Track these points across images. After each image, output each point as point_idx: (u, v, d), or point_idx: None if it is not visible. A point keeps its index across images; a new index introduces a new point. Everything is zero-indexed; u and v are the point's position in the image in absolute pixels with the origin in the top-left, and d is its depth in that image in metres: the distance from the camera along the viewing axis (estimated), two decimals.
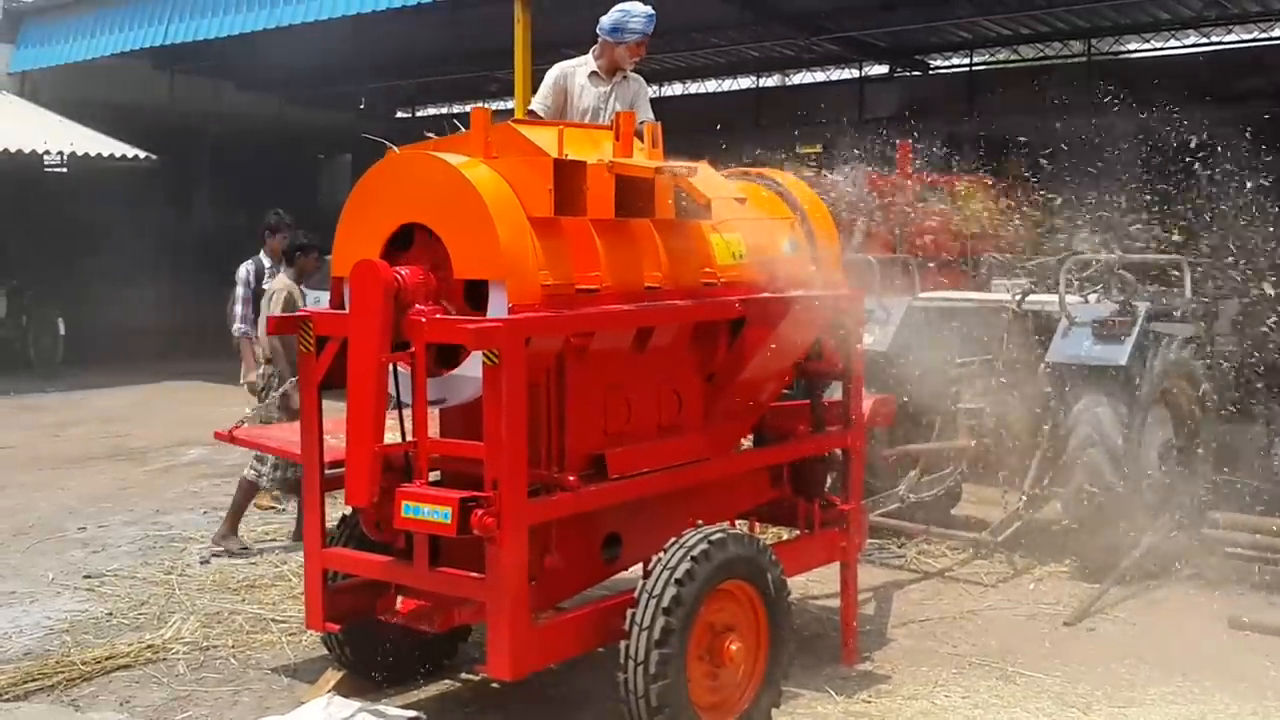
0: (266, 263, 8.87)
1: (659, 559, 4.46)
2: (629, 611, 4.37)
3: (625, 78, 6.34)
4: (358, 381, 4.44)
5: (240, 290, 8.81)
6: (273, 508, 8.77)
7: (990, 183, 10.87)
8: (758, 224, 5.33)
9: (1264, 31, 16.42)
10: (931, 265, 9.07)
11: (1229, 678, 5.51)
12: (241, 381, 8.51)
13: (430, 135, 5.18)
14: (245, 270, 8.89)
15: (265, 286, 8.71)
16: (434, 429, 4.73)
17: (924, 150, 11.45)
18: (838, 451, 5.71)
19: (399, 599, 4.84)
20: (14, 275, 17.07)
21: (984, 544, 7.26)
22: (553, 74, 6.40)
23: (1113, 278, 7.54)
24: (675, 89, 21.69)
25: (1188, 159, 8.71)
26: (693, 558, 4.44)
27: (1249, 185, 8.39)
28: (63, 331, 16.76)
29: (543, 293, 4.39)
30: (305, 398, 4.85)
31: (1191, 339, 7.59)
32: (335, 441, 4.79)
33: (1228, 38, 16.60)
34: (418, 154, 4.74)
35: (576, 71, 6.33)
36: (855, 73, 20.06)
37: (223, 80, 20.50)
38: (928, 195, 10.10)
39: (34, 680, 5.47)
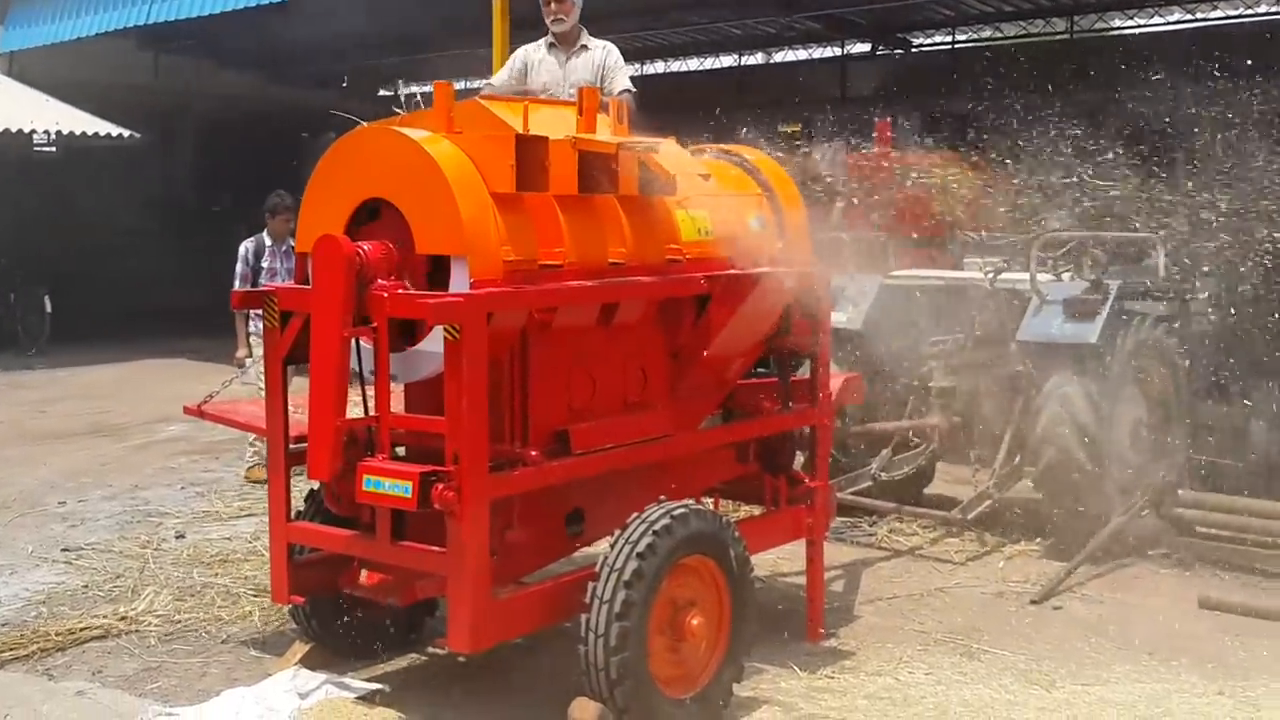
0: (268, 241, 9.02)
1: (621, 533, 4.48)
2: (590, 585, 4.39)
3: (585, 47, 6.31)
4: (320, 357, 4.45)
5: (239, 267, 8.98)
6: (263, 480, 8.80)
7: (968, 161, 10.87)
8: (724, 200, 5.33)
9: (1249, 8, 16.42)
10: (907, 243, 9.07)
11: (1196, 657, 5.53)
12: (235, 361, 8.57)
13: (398, 111, 5.17)
14: (245, 248, 9.04)
15: (265, 264, 8.87)
16: (399, 404, 4.76)
17: (904, 128, 11.44)
18: (805, 429, 5.72)
19: (363, 573, 4.86)
20: (2, 254, 17.10)
21: (954, 522, 7.29)
22: (517, 55, 6.42)
23: (1084, 256, 7.55)
24: (658, 66, 21.64)
25: (1169, 136, 8.72)
26: (655, 532, 4.45)
27: (1231, 163, 8.39)
28: (49, 309, 16.79)
29: (505, 268, 4.39)
30: (270, 373, 4.87)
31: (1164, 317, 7.61)
32: (301, 416, 4.80)
33: (1213, 14, 16.59)
34: (380, 129, 4.73)
35: (537, 50, 6.34)
36: (838, 51, 20.02)
37: (206, 59, 20.46)
38: (906, 173, 10.09)
39: (9, 650, 5.54)
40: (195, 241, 18.37)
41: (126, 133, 16.76)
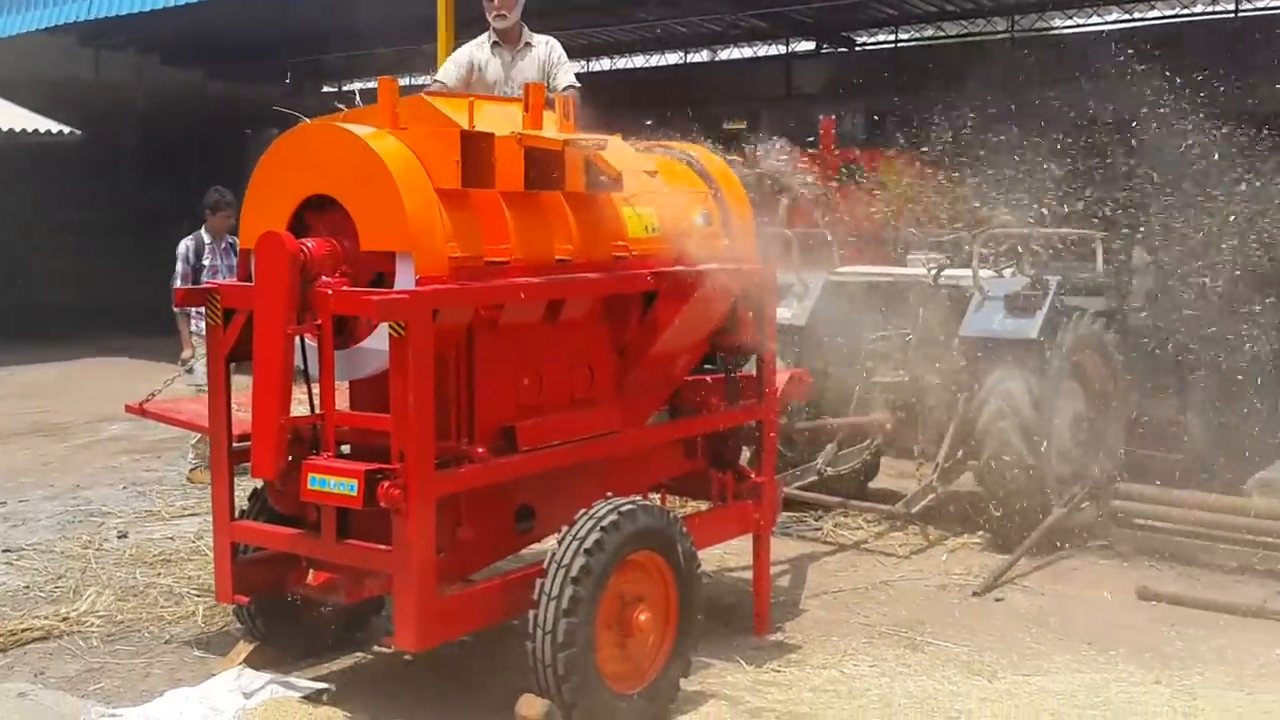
0: (207, 239, 8.91)
1: (568, 530, 4.49)
2: (538, 581, 4.39)
3: (527, 44, 6.30)
4: (264, 354, 4.42)
5: (180, 266, 8.85)
6: (205, 482, 8.70)
7: (912, 158, 10.98)
8: (670, 197, 5.35)
9: (1185, 7, 16.73)
10: (851, 240, 9.15)
11: (1135, 647, 5.63)
12: (180, 361, 8.46)
13: (342, 108, 5.14)
14: (185, 246, 8.91)
15: (205, 262, 8.76)
16: (344, 402, 4.73)
17: (848, 126, 11.56)
18: (751, 424, 5.76)
19: (309, 571, 4.83)
20: None
21: (898, 516, 7.37)
22: (462, 53, 6.38)
23: (1025, 252, 7.67)
24: (604, 63, 21.63)
25: (1108, 134, 8.87)
26: (602, 528, 4.46)
27: (1167, 160, 8.55)
28: None
29: (450, 265, 4.38)
30: (212, 371, 4.82)
31: (1103, 312, 7.74)
32: (245, 415, 4.76)
33: (1150, 14, 16.88)
34: (324, 125, 4.71)
35: (481, 49, 6.30)
36: (782, 49, 20.14)
37: (148, 55, 20.17)
38: (850, 170, 10.19)
39: None
40: (136, 239, 18.11)
41: (67, 129, 16.52)
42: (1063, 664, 5.44)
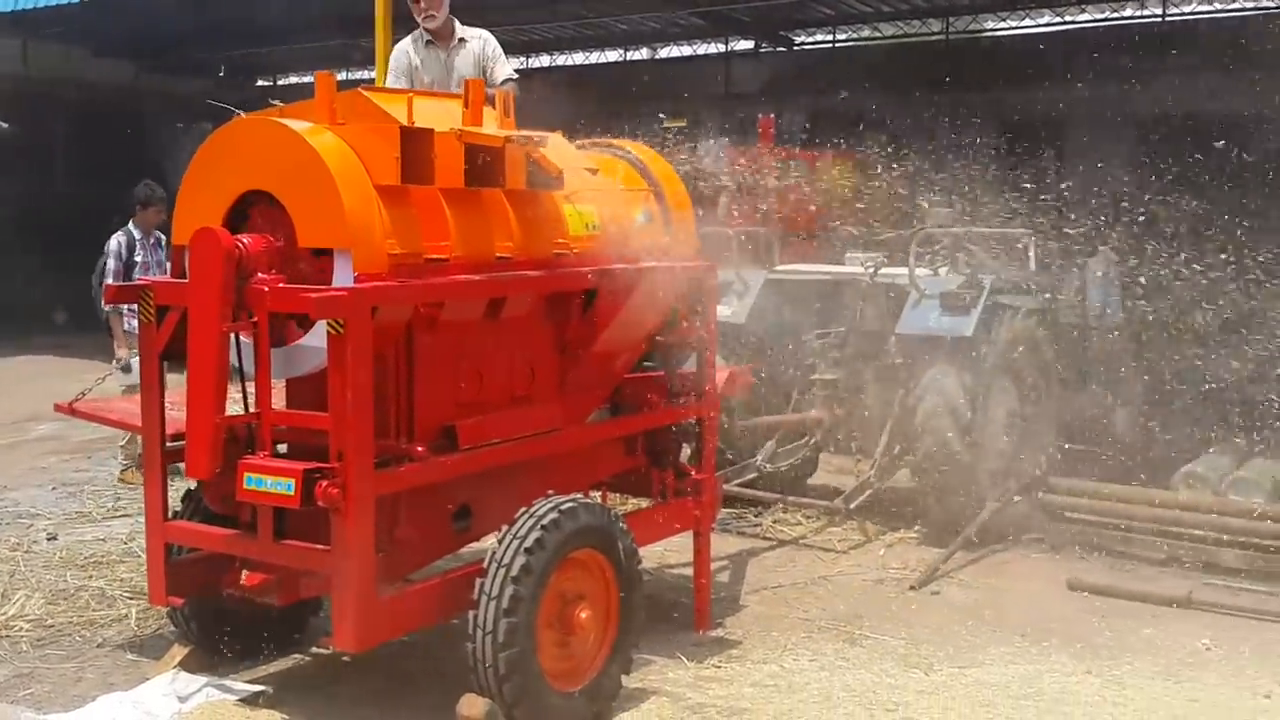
0: (137, 234, 8.73)
1: (509, 528, 4.47)
2: (478, 581, 4.37)
3: (461, 40, 6.26)
4: (198, 352, 4.36)
5: (112, 263, 8.64)
6: (136, 484, 8.56)
7: (849, 158, 11.10)
8: (611, 195, 5.35)
9: (1115, 11, 17.04)
10: (791, 238, 9.23)
11: (1066, 638, 5.74)
12: (115, 361, 8.29)
13: (276, 103, 5.07)
14: (117, 242, 8.71)
15: (138, 259, 8.59)
16: (280, 400, 4.68)
17: (786, 125, 11.64)
18: (692, 421, 5.78)
19: (244, 572, 4.76)
20: None
21: (836, 512, 7.44)
22: (398, 52, 6.34)
23: (960, 251, 7.77)
24: (543, 60, 21.57)
25: (1038, 134, 9.03)
26: (543, 526, 4.46)
27: (1098, 158, 8.73)
28: None
29: (390, 262, 4.35)
30: (145, 369, 4.76)
31: (1035, 310, 7.87)
32: (180, 413, 4.68)
33: (1080, 17, 17.17)
34: (261, 120, 4.65)
35: (415, 47, 6.26)
36: (721, 48, 20.21)
37: (78, 47, 19.75)
38: (788, 169, 10.26)
39: None
40: (65, 234, 17.71)
41: None
42: (997, 656, 5.53)
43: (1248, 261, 8.20)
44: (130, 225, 8.78)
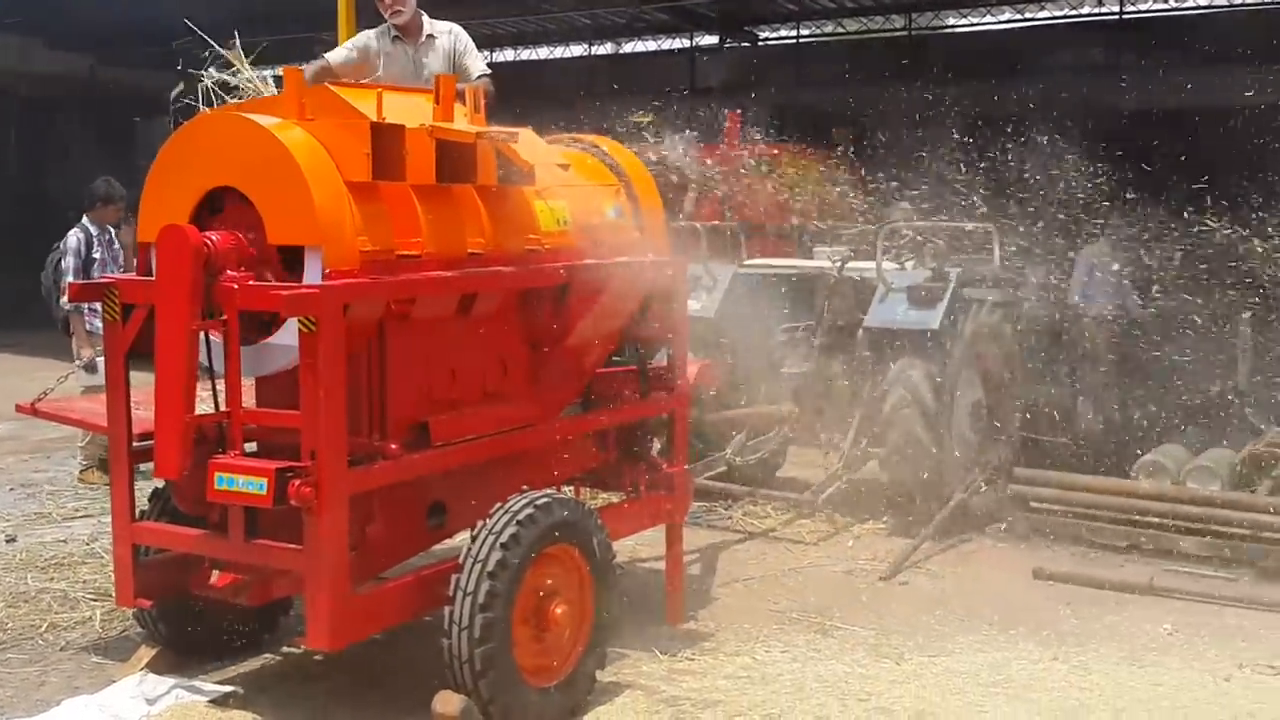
0: (94, 231, 8.58)
1: (484, 524, 4.46)
2: (453, 577, 4.36)
3: (430, 36, 6.21)
4: (166, 351, 4.31)
5: (72, 261, 8.47)
6: (98, 483, 8.46)
7: (814, 153, 11.15)
8: (582, 190, 5.36)
9: (1074, 9, 17.23)
10: (758, 233, 9.27)
11: (1032, 625, 5.82)
12: (76, 361, 8.16)
13: (227, 99, 5.03)
14: (75, 239, 8.56)
15: (96, 255, 8.45)
16: (250, 399, 4.64)
17: (752, 120, 11.66)
18: (663, 416, 5.79)
19: (214, 573, 4.72)
20: None
21: (806, 504, 7.49)
22: (359, 39, 6.28)
23: (926, 245, 7.84)
24: (507, 54, 21.51)
25: (1000, 129, 9.10)
26: (518, 522, 4.45)
27: (1059, 155, 8.82)
28: None
29: (361, 258, 4.33)
30: (111, 368, 4.70)
31: (1000, 303, 7.95)
32: (146, 413, 4.64)
33: (1040, 14, 17.34)
34: (228, 115, 4.63)
35: (381, 40, 6.20)
36: (686, 42, 20.24)
37: (32, 38, 19.45)
38: (755, 164, 10.30)
39: None
40: (21, 228, 17.46)
41: None
42: (966, 644, 5.59)
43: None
44: (86, 221, 8.62)
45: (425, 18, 6.29)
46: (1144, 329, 8.64)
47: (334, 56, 6.25)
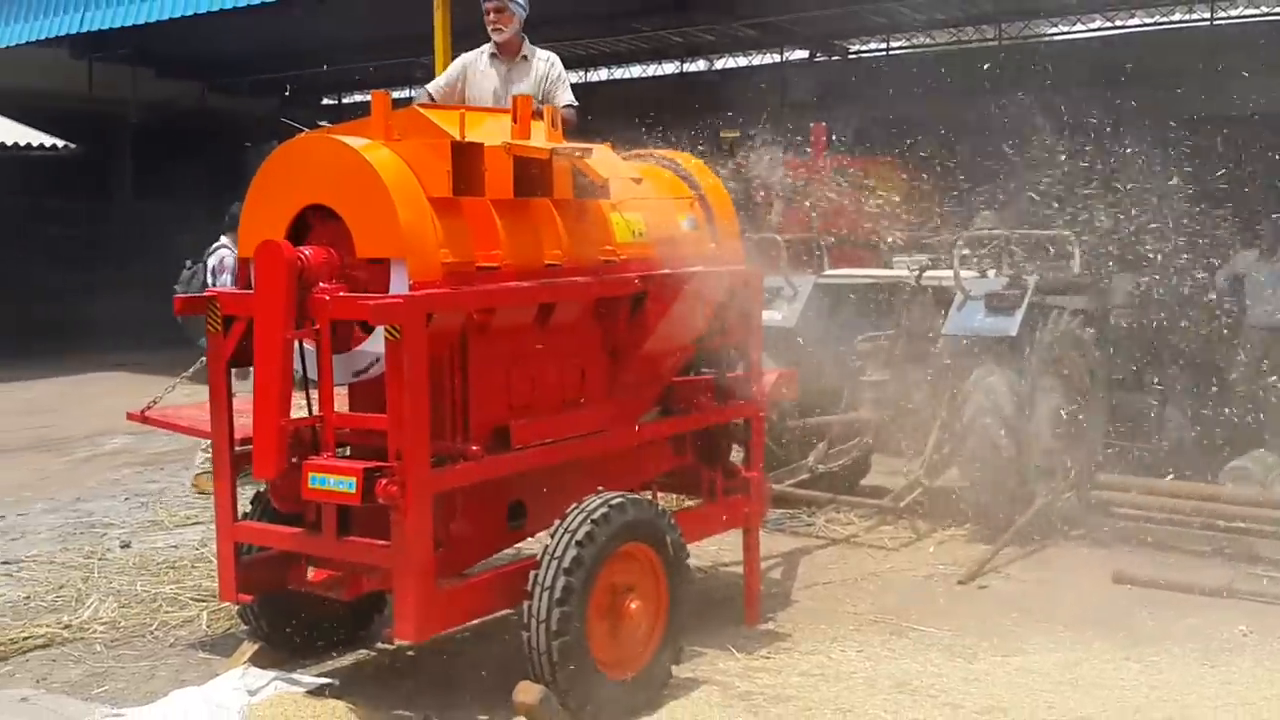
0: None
1: (560, 523, 4.66)
2: (532, 573, 4.56)
3: (524, 58, 6.39)
4: (264, 359, 4.58)
5: (229, 280, 8.75)
6: (209, 491, 8.81)
7: (900, 165, 11.17)
8: (657, 203, 5.52)
9: (1165, 16, 16.96)
10: (841, 244, 9.34)
11: (1108, 628, 5.81)
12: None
13: (324, 123, 5.30)
14: (232, 257, 8.84)
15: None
16: (343, 404, 4.90)
17: (840, 132, 11.74)
18: (740, 422, 5.92)
19: (309, 569, 4.98)
20: None
21: (887, 510, 7.55)
22: (457, 62, 6.52)
23: (1005, 253, 7.85)
24: (601, 74, 21.85)
25: (1090, 139, 9.04)
26: (593, 521, 4.64)
27: (1147, 166, 8.73)
28: None
29: (443, 270, 4.55)
30: (213, 376, 4.96)
31: (1080, 311, 7.91)
32: (245, 419, 4.91)
33: (1130, 21, 17.10)
34: (320, 137, 4.89)
35: (479, 58, 6.43)
36: (777, 57, 20.35)
37: (143, 68, 20.26)
38: (840, 176, 10.37)
39: None
40: (132, 253, 18.19)
41: (60, 143, 16.49)
42: (1040, 645, 5.62)
43: None
44: (226, 240, 8.98)
45: (526, 41, 6.41)
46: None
47: (433, 87, 6.51)
